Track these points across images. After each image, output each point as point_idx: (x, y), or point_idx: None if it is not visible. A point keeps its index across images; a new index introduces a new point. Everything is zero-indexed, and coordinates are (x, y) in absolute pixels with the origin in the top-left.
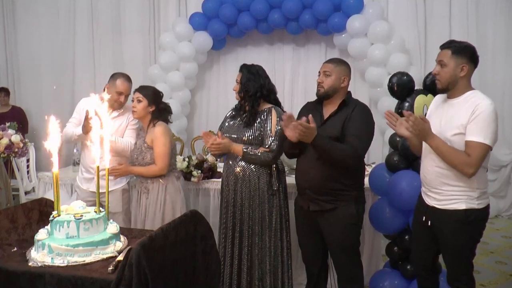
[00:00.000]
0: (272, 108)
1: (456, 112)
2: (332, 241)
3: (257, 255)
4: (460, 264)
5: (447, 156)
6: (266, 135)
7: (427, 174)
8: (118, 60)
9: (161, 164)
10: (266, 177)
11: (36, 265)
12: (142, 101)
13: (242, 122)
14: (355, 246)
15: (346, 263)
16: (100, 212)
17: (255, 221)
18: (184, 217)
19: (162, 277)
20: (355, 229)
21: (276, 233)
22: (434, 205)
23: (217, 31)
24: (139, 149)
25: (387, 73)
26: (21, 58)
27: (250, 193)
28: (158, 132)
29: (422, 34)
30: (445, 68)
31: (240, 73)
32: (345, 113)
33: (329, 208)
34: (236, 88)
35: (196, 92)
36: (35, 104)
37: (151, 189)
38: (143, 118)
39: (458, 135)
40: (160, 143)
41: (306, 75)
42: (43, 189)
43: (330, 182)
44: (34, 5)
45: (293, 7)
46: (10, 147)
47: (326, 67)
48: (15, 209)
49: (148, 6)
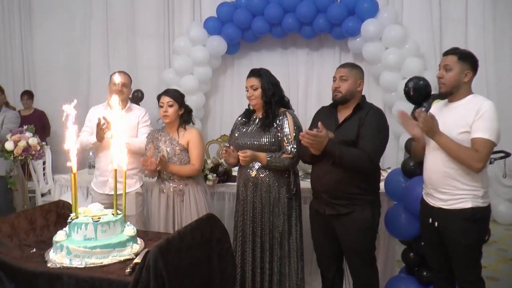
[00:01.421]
0: (286, 112)
1: (460, 113)
2: (348, 245)
3: (278, 260)
4: (469, 265)
5: (456, 152)
6: (284, 140)
7: (432, 174)
8: (132, 64)
9: (199, 165)
10: (284, 181)
11: (55, 266)
12: (173, 105)
13: (257, 127)
14: (371, 250)
15: (361, 268)
16: (117, 215)
17: (275, 225)
18: (200, 221)
19: (178, 280)
20: (371, 233)
21: (293, 236)
22: (440, 206)
23: (231, 36)
24: (172, 152)
25: (401, 77)
26: (37, 62)
27: (270, 197)
28: (195, 135)
29: (437, 38)
30: (450, 73)
31: (255, 79)
32: (360, 116)
33: (345, 212)
34: (255, 94)
35: (210, 96)
36: (51, 107)
37: (186, 192)
38: (173, 121)
39: (464, 133)
40: (198, 144)
41: (319, 79)
42: (59, 191)
43: (346, 186)
44: (50, 9)
45: (307, 11)
46: (27, 150)
47: (342, 72)
48: (33, 210)
49: (162, 10)
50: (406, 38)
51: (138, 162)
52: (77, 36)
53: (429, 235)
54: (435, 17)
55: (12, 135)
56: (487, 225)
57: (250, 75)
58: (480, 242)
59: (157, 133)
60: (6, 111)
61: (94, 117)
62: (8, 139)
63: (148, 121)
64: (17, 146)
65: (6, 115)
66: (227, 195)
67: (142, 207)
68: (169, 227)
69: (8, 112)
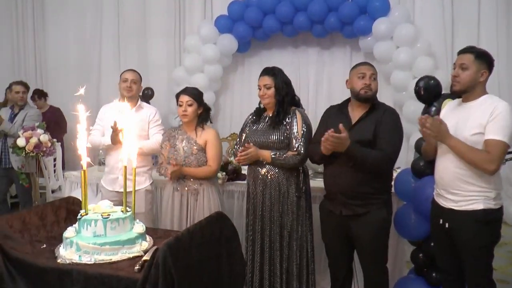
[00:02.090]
0: (296, 110)
1: (473, 113)
2: (363, 245)
3: (286, 259)
4: (480, 267)
5: (467, 154)
6: (292, 138)
7: (444, 175)
8: (143, 62)
9: (216, 166)
10: (294, 180)
11: (65, 262)
12: (192, 104)
13: (266, 125)
14: (385, 249)
15: (374, 268)
16: (126, 212)
17: (284, 224)
18: (210, 219)
19: (187, 278)
20: (386, 233)
21: (302, 236)
22: (451, 207)
23: (242, 34)
24: (189, 151)
25: (412, 76)
26: (49, 60)
27: (279, 195)
28: (213, 135)
29: (449, 37)
30: (466, 71)
31: (269, 78)
32: (375, 116)
33: (362, 212)
34: (268, 93)
35: (220, 95)
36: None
37: (201, 191)
38: (192, 120)
39: (477, 134)
40: (216, 145)
41: (330, 78)
42: (69, 188)
43: (362, 186)
44: (62, 8)
45: (319, 10)
46: (38, 146)
47: (372, 70)
48: (44, 207)
49: (173, 9)
50: (417, 37)
51: (148, 160)
52: (89, 35)
53: (439, 236)
54: (447, 16)
55: (24, 131)
56: (499, 227)
57: (263, 74)
58: (491, 244)
59: (174, 131)
60: (29, 109)
61: (105, 116)
62: (20, 136)
63: (159, 121)
64: (28, 142)
65: (28, 113)
66: (237, 194)
67: (152, 205)
68: (182, 226)
69: (30, 110)
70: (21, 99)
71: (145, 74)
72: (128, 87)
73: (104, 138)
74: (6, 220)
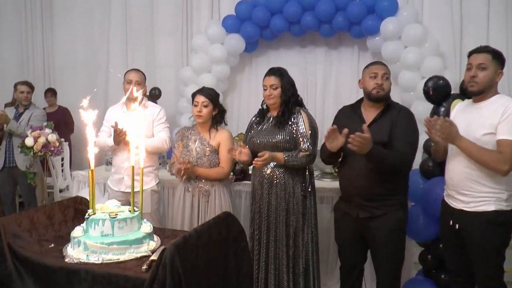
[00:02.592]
0: (301, 110)
1: (484, 114)
2: (379, 247)
3: (292, 258)
4: (491, 269)
5: (478, 155)
6: (300, 138)
7: (454, 176)
8: (150, 62)
9: (228, 168)
10: (300, 179)
11: (72, 262)
12: (208, 105)
13: (271, 125)
14: (402, 251)
15: (389, 270)
16: (134, 212)
17: (290, 223)
18: (217, 219)
19: (195, 278)
20: (403, 234)
21: (308, 235)
22: (461, 208)
23: (250, 34)
24: (202, 152)
25: (420, 77)
26: (57, 59)
27: (285, 195)
28: (227, 137)
29: (457, 37)
30: (485, 72)
31: (275, 78)
32: (390, 117)
33: (379, 214)
34: (274, 94)
35: (227, 94)
36: (70, 104)
37: (212, 193)
38: (206, 121)
39: (488, 135)
40: (229, 147)
41: (338, 78)
42: (76, 187)
43: (378, 188)
44: (70, 8)
45: (326, 9)
46: (46, 146)
47: (385, 69)
48: (52, 206)
49: (181, 8)
50: (426, 37)
51: (154, 160)
52: (96, 35)
53: (449, 237)
54: (455, 15)
55: (32, 131)
56: (510, 229)
57: (269, 74)
58: (502, 246)
59: (187, 131)
60: (34, 109)
61: (111, 117)
62: (28, 135)
63: (163, 118)
64: (36, 142)
65: (33, 113)
66: (244, 194)
67: (158, 205)
68: (193, 227)
69: (36, 110)
70: (25, 99)
71: (152, 74)
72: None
73: (109, 139)
74: (15, 219)
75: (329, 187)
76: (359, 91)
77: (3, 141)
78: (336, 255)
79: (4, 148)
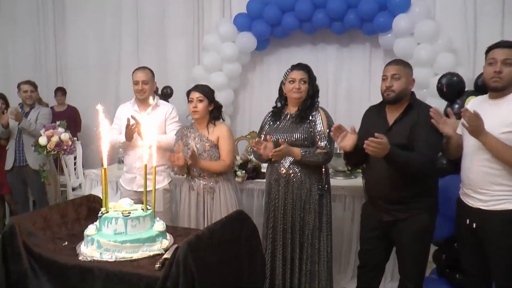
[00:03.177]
0: (319, 108)
1: (503, 111)
2: (403, 249)
3: (308, 257)
4: (509, 269)
5: (503, 153)
6: (318, 136)
7: (471, 174)
8: (162, 61)
9: (229, 161)
10: (316, 178)
11: (86, 260)
12: (203, 100)
13: (289, 122)
14: (426, 254)
15: (413, 273)
16: (147, 210)
17: (306, 222)
18: (230, 217)
19: (208, 276)
20: (428, 238)
21: (324, 233)
22: (479, 207)
23: (261, 32)
24: (202, 149)
25: (433, 74)
26: (69, 59)
27: (301, 193)
28: (225, 130)
29: (471, 33)
30: (510, 67)
31: (305, 73)
32: (411, 117)
33: (403, 217)
34: (302, 88)
35: (239, 93)
36: (82, 103)
37: (217, 189)
38: (203, 117)
39: (507, 133)
40: (228, 140)
41: (349, 76)
42: (89, 186)
43: (403, 191)
44: (82, 8)
45: (338, 6)
46: (59, 145)
47: (394, 70)
48: (65, 204)
49: (192, 7)
50: (438, 33)
51: (166, 159)
52: (108, 34)
53: (465, 236)
54: (469, 11)
55: (45, 130)
56: None
57: (298, 68)
58: None
59: (186, 130)
60: (40, 107)
61: (122, 115)
62: (42, 134)
63: (176, 117)
64: (50, 141)
65: (40, 111)
66: (256, 192)
67: (170, 204)
68: (200, 225)
69: (42, 108)
70: (29, 97)
71: (164, 73)
72: (140, 90)
73: (120, 136)
74: (29, 218)
75: (341, 185)
76: (371, 89)
77: (12, 140)
78: (348, 253)
79: (14, 147)
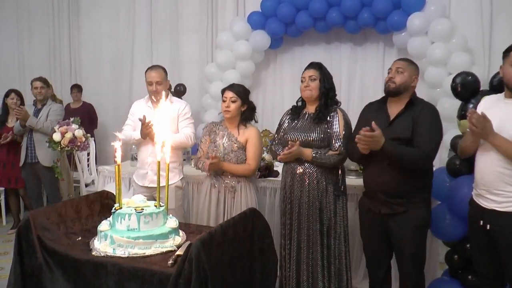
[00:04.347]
0: (337, 109)
1: None
2: (401, 244)
3: (324, 258)
4: None
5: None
6: (333, 137)
7: (485, 175)
8: (175, 59)
9: (254, 165)
10: (332, 178)
11: (99, 255)
12: (236, 101)
13: (306, 122)
14: (423, 249)
15: (412, 268)
16: (160, 207)
17: (323, 223)
18: (243, 215)
19: (220, 273)
20: (424, 232)
21: (340, 235)
22: (493, 208)
23: (275, 30)
24: (229, 148)
25: (447, 73)
26: (83, 56)
27: (317, 194)
28: (255, 134)
29: (486, 32)
30: None
31: (315, 70)
32: (413, 113)
33: (401, 211)
34: (311, 85)
35: (252, 91)
36: (96, 100)
37: (238, 189)
38: (234, 117)
39: None
40: (257, 144)
41: (363, 74)
42: (102, 182)
43: (402, 185)
44: (96, 5)
45: (352, 5)
46: (73, 141)
47: (399, 64)
48: (79, 200)
49: (206, 5)
50: (453, 32)
51: (178, 156)
52: (122, 31)
53: (478, 238)
54: (485, 9)
55: (59, 126)
56: None
57: (308, 67)
58: None
59: (215, 126)
60: (52, 104)
61: (136, 111)
62: (56, 131)
63: (188, 113)
64: (64, 137)
65: (51, 108)
66: (268, 190)
67: (182, 201)
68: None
69: (53, 105)
70: (39, 93)
71: (177, 70)
72: (154, 90)
73: (135, 133)
74: (44, 213)
75: (354, 184)
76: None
77: (24, 138)
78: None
79: (26, 144)
